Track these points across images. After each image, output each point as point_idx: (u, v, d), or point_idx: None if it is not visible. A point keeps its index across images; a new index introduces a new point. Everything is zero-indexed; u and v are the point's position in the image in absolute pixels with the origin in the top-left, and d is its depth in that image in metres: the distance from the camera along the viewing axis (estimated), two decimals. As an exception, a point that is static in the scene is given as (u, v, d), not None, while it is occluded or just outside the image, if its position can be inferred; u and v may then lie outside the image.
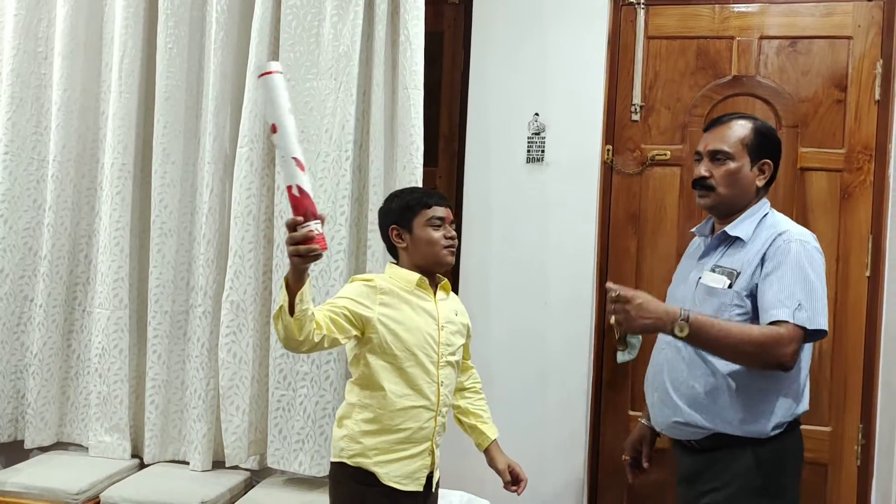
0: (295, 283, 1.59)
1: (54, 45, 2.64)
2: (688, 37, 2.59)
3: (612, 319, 1.74)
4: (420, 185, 2.32)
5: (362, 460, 1.83)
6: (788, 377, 1.76)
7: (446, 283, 1.97)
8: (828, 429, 2.50)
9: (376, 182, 2.38)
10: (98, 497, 2.40)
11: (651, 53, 2.62)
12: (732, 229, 1.86)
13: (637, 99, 2.61)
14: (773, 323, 1.70)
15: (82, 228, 2.70)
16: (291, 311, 1.61)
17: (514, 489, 2.02)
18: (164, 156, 2.55)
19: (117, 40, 2.56)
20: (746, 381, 1.77)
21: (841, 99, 2.49)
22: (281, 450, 2.45)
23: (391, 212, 1.94)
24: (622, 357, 2.57)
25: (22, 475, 2.46)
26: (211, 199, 2.50)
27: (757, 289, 1.76)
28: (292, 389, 2.42)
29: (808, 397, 1.84)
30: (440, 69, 2.77)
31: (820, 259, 1.78)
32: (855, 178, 2.49)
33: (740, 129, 1.87)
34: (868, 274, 2.47)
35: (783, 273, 1.73)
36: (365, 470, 1.83)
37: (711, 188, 1.87)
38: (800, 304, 1.70)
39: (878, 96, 2.47)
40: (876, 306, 2.44)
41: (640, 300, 1.71)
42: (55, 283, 2.64)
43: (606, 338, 2.63)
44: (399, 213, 1.92)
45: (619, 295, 1.72)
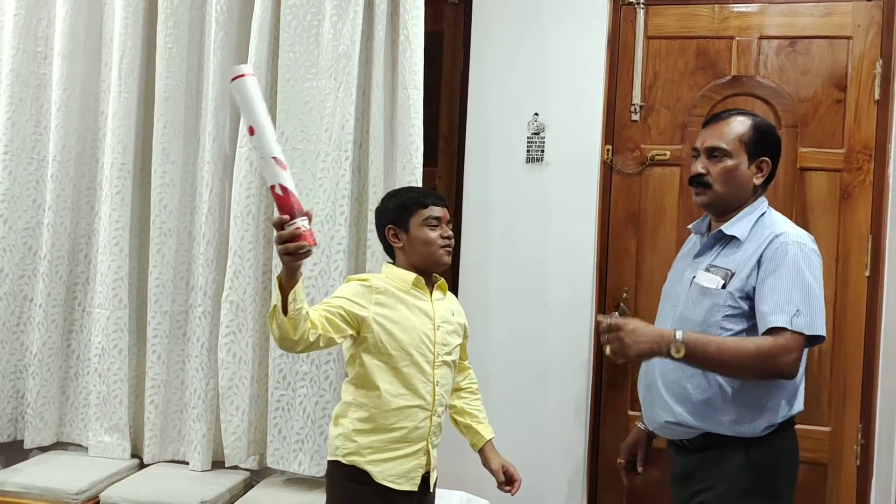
0: (287, 281, 1.59)
1: (54, 44, 2.64)
2: (687, 37, 2.59)
3: (608, 350, 1.73)
4: (420, 184, 2.32)
5: (356, 459, 1.83)
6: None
7: (443, 282, 1.97)
8: (827, 429, 2.50)
9: (376, 182, 2.38)
10: (98, 497, 2.40)
11: (651, 53, 2.62)
12: (728, 228, 1.84)
13: (637, 99, 2.61)
14: (770, 329, 1.69)
15: (82, 228, 2.70)
16: (285, 311, 1.60)
17: (508, 489, 2.01)
18: (164, 156, 2.55)
19: (117, 40, 2.56)
20: (739, 382, 1.76)
21: (840, 99, 2.49)
22: (280, 450, 2.45)
23: (387, 211, 1.94)
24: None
25: (21, 475, 2.47)
26: (210, 199, 2.51)
27: (754, 292, 1.75)
28: (292, 389, 2.42)
29: (802, 398, 1.83)
30: (440, 69, 2.77)
31: (818, 262, 1.77)
32: (854, 178, 2.49)
33: (739, 125, 1.85)
34: (868, 274, 2.47)
35: (781, 277, 1.71)
36: (359, 469, 1.83)
37: (708, 185, 1.85)
38: (798, 310, 1.68)
39: (877, 96, 2.46)
40: (875, 306, 2.44)
41: (631, 326, 1.71)
42: (55, 282, 2.64)
43: (606, 338, 2.63)
44: (395, 212, 1.91)
45: (610, 324, 1.71)
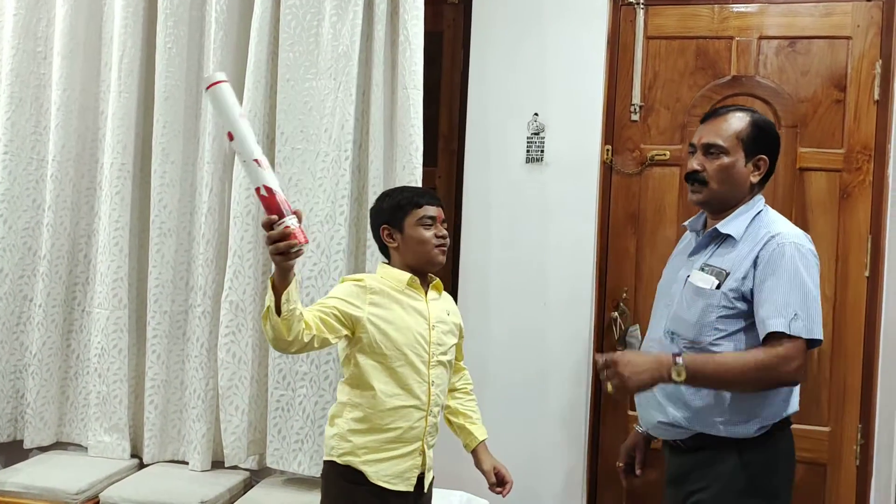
0: (280, 282, 1.58)
1: (53, 44, 2.64)
2: (687, 37, 2.59)
3: (609, 387, 1.73)
4: (420, 184, 2.32)
5: (351, 459, 1.83)
6: None
7: (438, 282, 1.96)
8: (827, 429, 2.50)
9: (376, 182, 2.37)
10: (97, 497, 2.40)
11: (650, 53, 2.62)
12: (724, 226, 1.82)
13: (636, 99, 2.61)
14: (769, 335, 1.68)
15: (81, 228, 2.69)
16: (279, 312, 1.60)
17: (500, 491, 2.00)
18: (164, 155, 2.55)
19: (116, 40, 2.56)
20: None
21: (840, 99, 2.49)
22: (280, 450, 2.45)
23: (382, 211, 1.93)
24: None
25: (21, 475, 2.47)
26: (210, 199, 2.50)
27: (751, 294, 1.73)
28: (291, 389, 2.42)
29: (797, 398, 1.82)
30: (440, 69, 2.77)
31: (815, 262, 1.75)
32: (854, 178, 2.49)
33: (737, 122, 1.83)
34: (867, 274, 2.47)
35: (778, 280, 1.70)
36: (354, 469, 1.82)
37: (704, 183, 1.83)
38: (796, 314, 1.67)
39: (877, 96, 2.46)
40: (875, 306, 2.44)
41: (626, 359, 1.71)
42: (54, 282, 2.63)
43: (606, 338, 2.63)
44: (390, 212, 1.90)
45: (605, 360, 1.71)
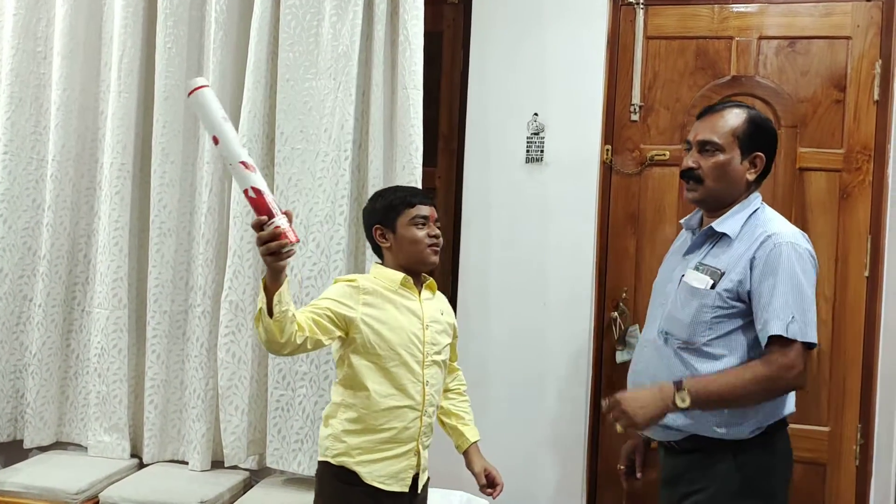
0: (272, 283, 1.58)
1: (53, 44, 2.64)
2: (687, 37, 2.59)
3: (619, 428, 1.72)
4: (419, 184, 2.32)
5: (346, 459, 1.82)
6: None
7: (432, 282, 1.95)
8: (826, 429, 2.50)
9: (375, 182, 2.37)
10: (97, 497, 2.40)
11: (650, 53, 2.62)
12: (719, 225, 1.80)
13: (636, 99, 2.61)
14: (769, 340, 1.67)
15: (81, 228, 2.70)
16: (271, 313, 1.60)
17: (490, 492, 2.00)
18: (164, 155, 2.55)
19: (116, 40, 2.56)
20: None
21: (840, 99, 2.49)
22: (280, 450, 2.45)
23: (375, 212, 1.92)
24: (622, 357, 2.57)
25: (21, 475, 2.47)
26: (210, 199, 2.51)
27: (748, 296, 1.72)
28: (291, 389, 2.42)
29: (793, 399, 1.81)
30: (439, 69, 2.77)
31: (812, 263, 1.74)
32: (854, 178, 2.49)
33: (733, 118, 1.80)
34: (867, 274, 2.47)
35: (776, 283, 1.68)
36: (348, 469, 1.82)
37: (699, 180, 1.81)
38: (793, 317, 1.66)
39: (876, 96, 2.46)
40: (875, 306, 2.44)
41: (627, 395, 1.71)
42: (54, 282, 2.64)
43: (606, 338, 2.63)
44: (383, 212, 1.90)
45: (609, 402, 1.71)
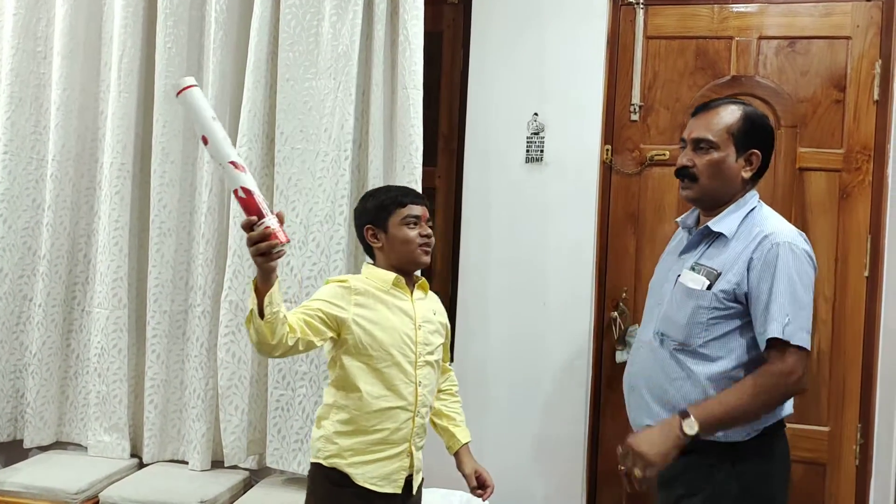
0: (263, 284, 1.57)
1: (53, 44, 2.64)
2: (687, 37, 2.59)
3: (637, 472, 1.67)
4: (419, 185, 2.32)
5: (337, 461, 1.81)
6: None
7: (424, 282, 1.94)
8: (826, 428, 2.50)
9: (375, 182, 2.37)
10: (97, 497, 2.40)
11: (650, 53, 2.62)
12: (715, 224, 1.77)
13: (636, 99, 2.61)
14: (768, 343, 1.66)
15: (81, 228, 2.70)
16: (262, 315, 1.59)
17: (480, 494, 1.99)
18: (164, 155, 2.55)
19: (116, 40, 2.56)
20: (723, 387, 1.70)
21: (840, 99, 2.49)
22: (280, 449, 2.45)
23: (366, 211, 1.91)
24: (622, 356, 2.57)
25: (21, 475, 2.47)
26: (210, 199, 2.51)
27: (745, 297, 1.70)
28: (291, 389, 2.42)
29: (791, 402, 1.79)
30: (439, 69, 2.77)
31: (809, 264, 1.72)
32: (854, 178, 2.49)
33: (728, 115, 1.77)
34: (867, 274, 2.47)
35: (774, 285, 1.66)
36: (339, 471, 1.81)
37: (694, 178, 1.78)
38: (789, 320, 1.64)
39: (876, 96, 2.46)
40: (874, 306, 2.44)
41: (636, 439, 1.68)
42: (54, 282, 2.64)
43: (605, 338, 2.63)
44: (374, 212, 1.89)
45: (623, 450, 1.69)
